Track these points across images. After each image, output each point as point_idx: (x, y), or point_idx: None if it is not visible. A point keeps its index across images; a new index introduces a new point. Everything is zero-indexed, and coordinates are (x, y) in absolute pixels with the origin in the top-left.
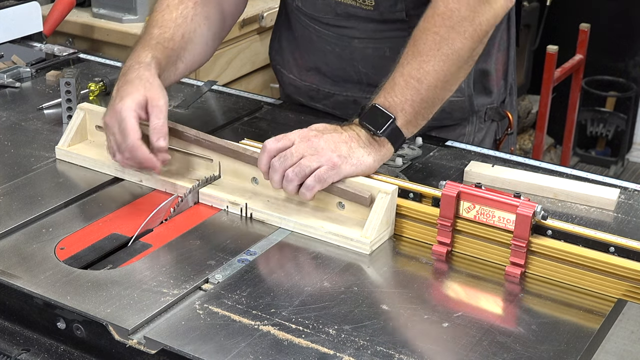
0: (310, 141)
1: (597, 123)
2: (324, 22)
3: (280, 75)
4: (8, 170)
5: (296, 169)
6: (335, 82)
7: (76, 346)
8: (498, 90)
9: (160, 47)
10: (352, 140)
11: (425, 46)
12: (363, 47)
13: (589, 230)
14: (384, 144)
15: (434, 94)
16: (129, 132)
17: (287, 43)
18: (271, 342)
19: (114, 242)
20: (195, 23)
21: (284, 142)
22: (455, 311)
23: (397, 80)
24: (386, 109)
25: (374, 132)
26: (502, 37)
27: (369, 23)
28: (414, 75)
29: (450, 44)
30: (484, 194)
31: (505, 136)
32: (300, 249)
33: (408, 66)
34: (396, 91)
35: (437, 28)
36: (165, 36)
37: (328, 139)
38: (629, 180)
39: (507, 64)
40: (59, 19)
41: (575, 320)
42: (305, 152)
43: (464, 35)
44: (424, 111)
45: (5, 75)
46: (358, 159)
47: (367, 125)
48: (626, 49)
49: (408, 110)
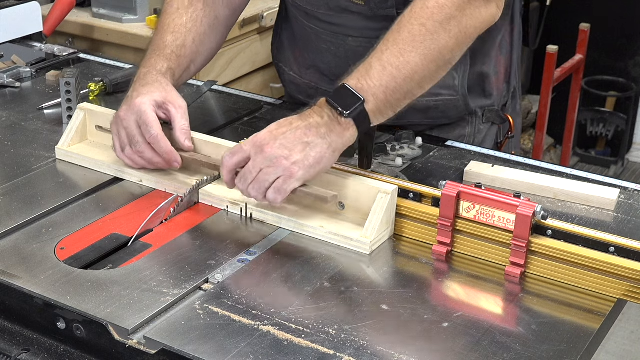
0: (264, 152)
1: (597, 123)
2: (319, 19)
3: (281, 72)
4: (8, 170)
5: (256, 186)
6: (332, 81)
7: (76, 346)
8: (499, 94)
9: (174, 56)
10: (309, 133)
11: (410, 35)
12: (357, 45)
13: (589, 230)
14: (348, 127)
15: (409, 86)
16: (152, 124)
17: (288, 41)
18: (271, 342)
19: (114, 242)
20: (205, 25)
21: (239, 156)
22: (455, 311)
23: (373, 65)
24: (357, 90)
25: (340, 112)
26: (505, 39)
27: (361, 19)
28: (393, 63)
29: (435, 39)
30: (484, 194)
31: (506, 140)
32: (300, 249)
33: (387, 52)
34: (371, 75)
35: (424, 20)
36: (178, 43)
37: (282, 144)
38: (629, 180)
39: (509, 68)
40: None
41: (575, 320)
42: (261, 165)
43: (449, 34)
44: (395, 102)
45: (5, 75)
46: (315, 158)
47: (334, 104)
48: (626, 49)
49: (380, 96)
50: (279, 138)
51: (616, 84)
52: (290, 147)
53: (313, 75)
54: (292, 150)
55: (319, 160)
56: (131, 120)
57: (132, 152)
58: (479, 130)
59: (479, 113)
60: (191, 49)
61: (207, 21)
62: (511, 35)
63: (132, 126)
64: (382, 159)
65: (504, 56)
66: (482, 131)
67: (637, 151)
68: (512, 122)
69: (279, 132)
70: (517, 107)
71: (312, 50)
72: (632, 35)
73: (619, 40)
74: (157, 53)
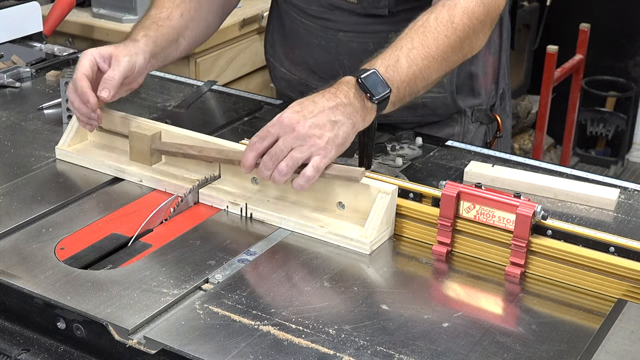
0: (295, 131)
1: (597, 123)
2: (310, 14)
3: (272, 68)
4: (8, 170)
5: (289, 162)
6: (322, 79)
7: (76, 346)
8: (487, 94)
9: (155, 25)
10: (337, 112)
11: (435, 42)
12: (348, 40)
13: (589, 230)
14: (371, 111)
15: (420, 87)
16: (77, 68)
17: (279, 37)
18: (271, 342)
19: (114, 242)
20: (195, 1)
21: (269, 140)
22: (455, 311)
23: (401, 59)
24: (386, 79)
25: (370, 96)
26: (494, 40)
27: (353, 16)
28: (418, 63)
29: (453, 53)
30: (484, 194)
31: (495, 139)
32: (300, 249)
33: (414, 51)
34: (399, 68)
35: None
36: (161, 16)
37: (313, 123)
38: (629, 180)
39: (498, 69)
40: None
41: (575, 320)
42: (293, 144)
43: (463, 51)
44: (406, 98)
45: (5, 75)
46: (342, 137)
47: (367, 87)
48: (626, 49)
49: (401, 90)
50: (308, 117)
51: (616, 84)
52: (321, 126)
53: (303, 71)
54: (322, 129)
55: (345, 138)
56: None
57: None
58: (468, 130)
59: (468, 112)
60: (178, 22)
61: None
62: (500, 37)
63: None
64: (382, 159)
65: (492, 56)
66: (471, 130)
67: (637, 151)
68: (500, 122)
69: (307, 111)
70: (507, 108)
71: (302, 46)
72: (632, 35)
73: (619, 40)
74: (137, 25)
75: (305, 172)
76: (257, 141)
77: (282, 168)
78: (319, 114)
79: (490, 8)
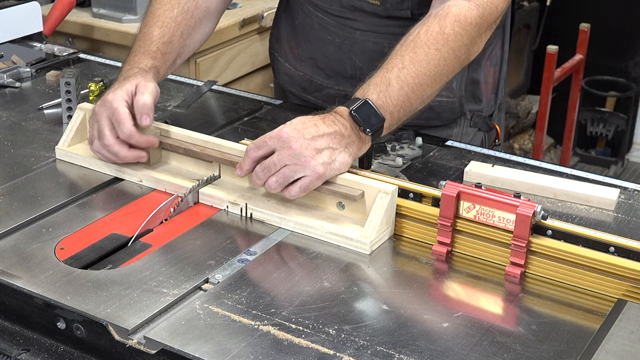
0: (291, 149)
1: (597, 123)
2: (329, 12)
3: (276, 63)
4: (8, 170)
5: (279, 179)
6: (328, 76)
7: (76, 346)
8: (488, 102)
9: (160, 54)
10: (334, 140)
11: (426, 58)
12: (364, 39)
13: (589, 230)
14: (366, 141)
15: (416, 105)
16: (123, 121)
17: (286, 31)
18: (271, 342)
19: (114, 242)
20: (195, 18)
21: (264, 150)
22: (455, 311)
23: (392, 82)
24: (378, 107)
25: (364, 128)
26: (495, 52)
27: (374, 18)
28: (409, 83)
29: (446, 65)
30: (484, 194)
31: (492, 147)
32: (300, 249)
33: (404, 71)
34: (390, 93)
35: (440, 45)
36: (165, 40)
37: (309, 144)
38: (629, 180)
39: (498, 80)
40: (59, 19)
41: (575, 320)
42: (287, 161)
43: (458, 61)
44: (403, 119)
45: (5, 75)
46: (340, 162)
47: (360, 120)
48: (626, 49)
49: (395, 115)
50: (306, 138)
51: (616, 84)
52: (318, 149)
53: (308, 67)
54: (319, 152)
55: (342, 164)
56: (103, 116)
57: (100, 146)
58: (466, 132)
59: (468, 116)
60: (179, 43)
61: (199, 13)
62: (501, 50)
63: (103, 121)
64: (382, 159)
65: (493, 67)
66: (469, 134)
67: (637, 151)
68: (499, 131)
69: (306, 131)
70: (502, 120)
71: (312, 41)
72: (632, 35)
73: (619, 40)
74: (142, 50)
75: (290, 191)
76: (252, 149)
77: (271, 183)
78: (318, 138)
79: (485, 10)
